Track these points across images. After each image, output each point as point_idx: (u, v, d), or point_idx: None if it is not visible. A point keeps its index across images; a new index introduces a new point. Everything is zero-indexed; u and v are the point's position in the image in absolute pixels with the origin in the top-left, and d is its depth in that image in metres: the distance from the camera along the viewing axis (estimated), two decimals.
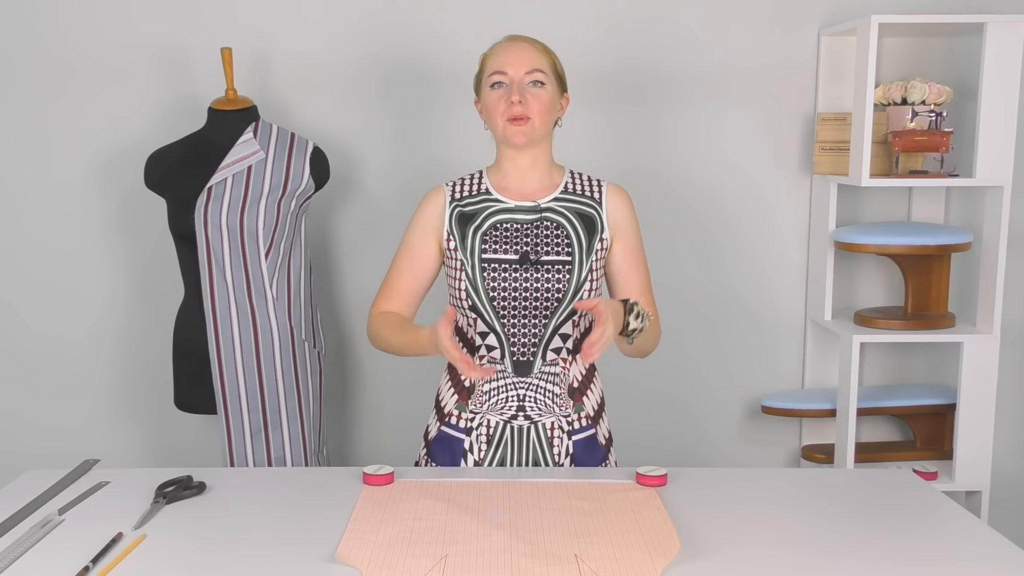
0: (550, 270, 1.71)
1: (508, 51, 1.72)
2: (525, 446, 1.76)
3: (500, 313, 1.72)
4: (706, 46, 2.67)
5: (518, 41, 1.73)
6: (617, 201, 1.79)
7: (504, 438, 1.76)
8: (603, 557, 1.31)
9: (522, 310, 1.72)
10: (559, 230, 1.73)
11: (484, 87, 1.74)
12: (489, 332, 1.74)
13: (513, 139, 1.71)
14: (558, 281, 1.71)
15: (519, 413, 1.75)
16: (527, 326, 1.73)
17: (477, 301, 1.72)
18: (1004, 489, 2.80)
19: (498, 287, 1.71)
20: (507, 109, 1.69)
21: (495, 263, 1.71)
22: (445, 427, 1.80)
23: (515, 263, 1.71)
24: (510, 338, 1.73)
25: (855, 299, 2.80)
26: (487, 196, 1.77)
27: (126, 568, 1.30)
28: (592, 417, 1.80)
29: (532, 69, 1.70)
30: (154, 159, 2.39)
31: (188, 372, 2.39)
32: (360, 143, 2.69)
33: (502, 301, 1.71)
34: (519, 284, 1.71)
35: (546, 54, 1.74)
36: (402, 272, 1.80)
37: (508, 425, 1.76)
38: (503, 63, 1.71)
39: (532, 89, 1.70)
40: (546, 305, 1.71)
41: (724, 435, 2.85)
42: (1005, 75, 2.42)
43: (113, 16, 2.61)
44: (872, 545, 1.37)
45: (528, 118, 1.69)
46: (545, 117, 1.71)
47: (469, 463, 1.77)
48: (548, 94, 1.71)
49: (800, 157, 2.73)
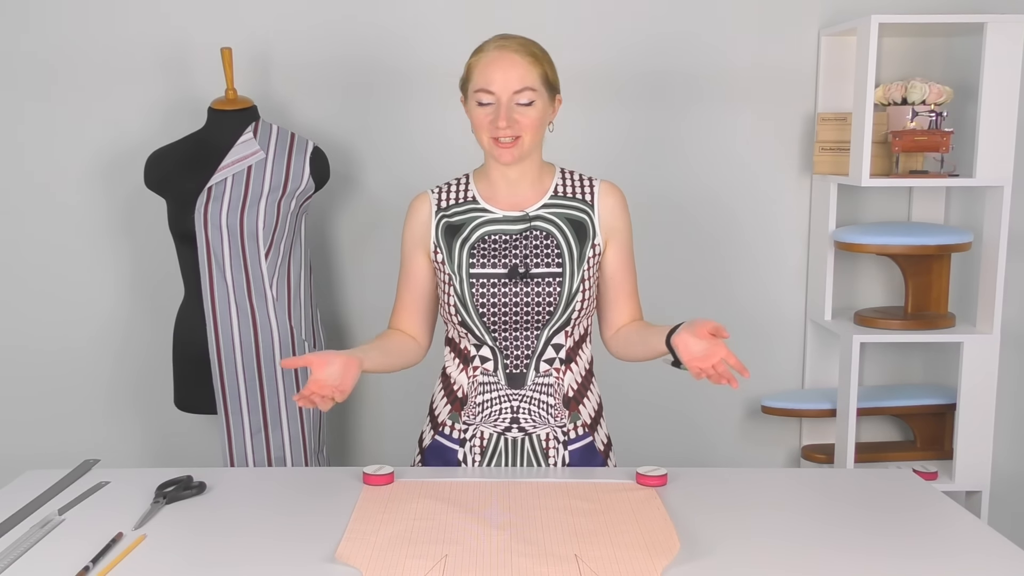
0: (540, 283, 1.65)
1: (495, 66, 1.59)
2: (520, 457, 1.73)
3: (491, 328, 1.67)
4: (706, 46, 2.67)
5: (505, 53, 1.59)
6: (610, 203, 1.72)
7: (498, 449, 1.73)
8: (603, 557, 1.31)
9: (513, 324, 1.67)
10: (549, 239, 1.67)
11: (471, 98, 1.63)
12: (482, 344, 1.70)
13: (501, 159, 1.62)
14: (548, 294, 1.65)
15: (513, 425, 1.71)
16: (519, 339, 1.68)
17: (466, 317, 1.67)
18: (1004, 489, 2.79)
19: (487, 302, 1.65)
20: (494, 129, 1.59)
21: (483, 278, 1.66)
22: (439, 436, 1.77)
23: (504, 277, 1.65)
24: (502, 351, 1.69)
25: (855, 299, 2.80)
26: (474, 206, 1.70)
27: (126, 568, 1.30)
28: (589, 425, 1.76)
29: (521, 88, 1.58)
30: (154, 159, 2.39)
31: (188, 372, 2.39)
32: (360, 143, 2.69)
33: (492, 316, 1.66)
34: (509, 299, 1.65)
35: (536, 64, 1.61)
36: (403, 291, 1.77)
37: (502, 437, 1.73)
38: (489, 80, 1.59)
39: (520, 109, 1.59)
40: (537, 318, 1.67)
41: (724, 435, 2.85)
42: (1005, 75, 2.42)
43: (113, 16, 2.61)
44: (872, 545, 1.37)
45: (518, 137, 1.60)
46: (535, 133, 1.62)
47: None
48: (537, 111, 1.61)
49: (800, 157, 2.73)
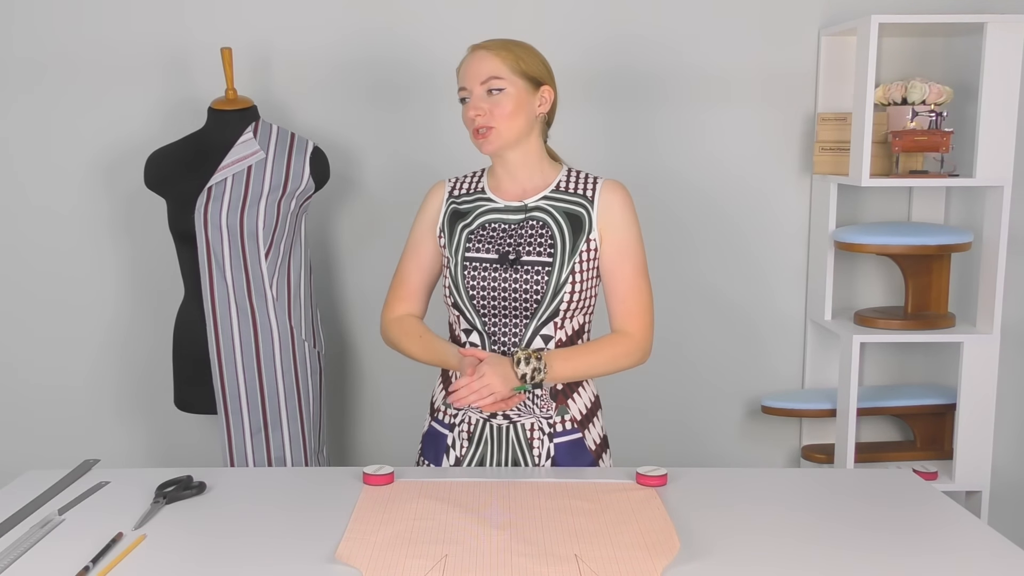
0: (529, 271, 1.70)
1: (467, 65, 1.72)
2: (504, 445, 1.77)
3: (480, 312, 1.73)
4: (706, 46, 2.67)
5: (476, 51, 1.72)
6: (610, 199, 1.75)
7: (484, 436, 1.77)
8: (603, 557, 1.31)
9: (502, 310, 1.72)
10: (544, 229, 1.73)
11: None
12: (472, 330, 1.75)
13: (482, 150, 1.72)
14: (537, 283, 1.70)
15: (498, 412, 1.75)
16: (508, 326, 1.73)
17: (458, 298, 1.75)
18: (1004, 489, 2.79)
19: (477, 286, 1.72)
20: (469, 121, 1.71)
21: (476, 261, 1.73)
22: (434, 423, 1.84)
23: (495, 262, 1.72)
24: (491, 336, 1.74)
25: (855, 299, 2.80)
26: (481, 196, 1.79)
27: (126, 568, 1.30)
28: (579, 421, 1.78)
29: (487, 78, 1.68)
30: (154, 159, 2.39)
31: (188, 372, 2.39)
32: (360, 143, 2.69)
33: (481, 300, 1.72)
34: (498, 284, 1.71)
35: (507, 55, 1.69)
36: (411, 270, 1.84)
37: (488, 423, 1.77)
38: (462, 78, 1.72)
39: (490, 98, 1.69)
40: (526, 306, 1.71)
41: (724, 435, 2.85)
42: (1005, 75, 2.42)
43: (113, 16, 2.61)
44: (872, 545, 1.37)
45: (491, 127, 1.69)
46: (511, 122, 1.69)
47: (451, 459, 1.79)
48: (509, 97, 1.69)
49: (800, 157, 2.73)
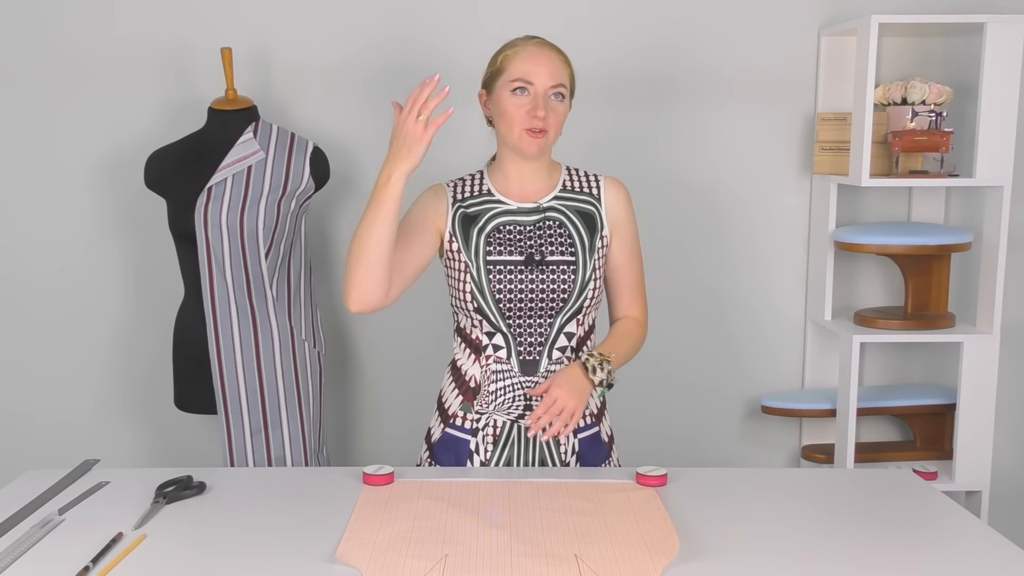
0: (555, 270, 1.72)
1: (535, 59, 1.68)
2: (532, 445, 1.77)
3: (506, 314, 1.73)
4: (706, 46, 2.67)
5: (544, 49, 1.70)
6: (615, 197, 1.79)
7: (511, 438, 1.77)
8: (603, 557, 1.31)
9: (527, 311, 1.72)
10: (562, 229, 1.75)
11: (502, 89, 1.69)
12: (496, 332, 1.74)
13: (527, 150, 1.69)
14: (563, 281, 1.72)
15: (526, 412, 1.75)
16: (533, 326, 1.73)
17: (483, 303, 1.72)
18: (1004, 489, 2.80)
19: (504, 288, 1.71)
20: (527, 120, 1.67)
21: (500, 264, 1.72)
22: (449, 429, 1.80)
23: (520, 264, 1.72)
24: (516, 338, 1.74)
25: (855, 299, 2.80)
26: (489, 198, 1.77)
27: (126, 568, 1.30)
28: (595, 415, 1.81)
29: (557, 83, 1.68)
30: (154, 159, 2.39)
31: (188, 372, 2.39)
32: (360, 143, 2.69)
33: (508, 303, 1.72)
34: (524, 285, 1.71)
35: (567, 65, 1.73)
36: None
37: (515, 425, 1.76)
38: (529, 72, 1.67)
39: (553, 102, 1.69)
40: (551, 305, 1.72)
41: (724, 435, 2.85)
42: (1005, 75, 2.42)
43: (113, 16, 2.61)
44: (872, 545, 1.37)
45: (546, 131, 1.68)
46: (559, 131, 1.72)
47: (475, 464, 1.77)
48: (565, 108, 1.72)
49: (800, 157, 2.72)
